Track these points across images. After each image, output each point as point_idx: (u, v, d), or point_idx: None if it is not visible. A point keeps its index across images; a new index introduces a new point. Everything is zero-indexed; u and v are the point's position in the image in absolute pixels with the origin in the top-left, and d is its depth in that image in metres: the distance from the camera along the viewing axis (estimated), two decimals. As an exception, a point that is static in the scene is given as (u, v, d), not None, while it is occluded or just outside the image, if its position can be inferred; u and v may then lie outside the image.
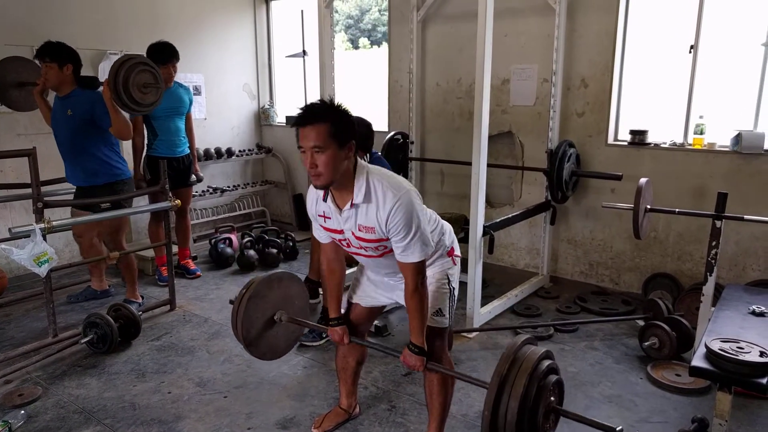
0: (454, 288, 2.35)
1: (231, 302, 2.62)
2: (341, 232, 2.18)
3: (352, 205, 2.08)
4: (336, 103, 2.05)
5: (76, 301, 4.18)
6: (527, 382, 1.80)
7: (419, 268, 2.09)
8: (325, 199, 2.14)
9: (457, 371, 2.29)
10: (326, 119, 1.96)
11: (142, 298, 4.15)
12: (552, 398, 1.89)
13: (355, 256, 2.32)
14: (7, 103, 4.07)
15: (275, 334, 2.66)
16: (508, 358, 1.87)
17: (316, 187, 2.08)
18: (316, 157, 1.96)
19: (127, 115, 3.78)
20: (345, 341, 2.43)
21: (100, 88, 3.61)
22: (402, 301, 2.32)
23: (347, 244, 2.23)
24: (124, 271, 4.03)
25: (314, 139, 1.95)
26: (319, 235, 2.33)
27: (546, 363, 1.89)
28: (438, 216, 2.38)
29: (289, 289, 2.68)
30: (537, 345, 2.01)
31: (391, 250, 2.13)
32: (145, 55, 4.24)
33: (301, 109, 2.02)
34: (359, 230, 2.12)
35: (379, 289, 2.44)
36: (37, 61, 3.54)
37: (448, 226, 2.41)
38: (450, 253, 2.35)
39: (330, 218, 2.18)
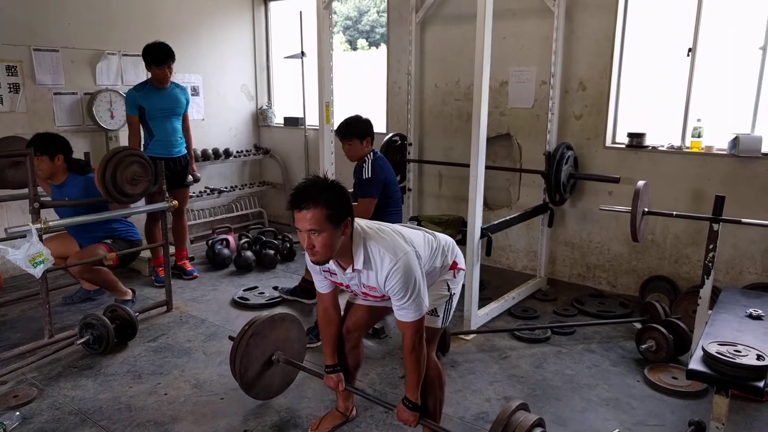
0: (454, 294, 2.37)
1: (231, 338, 2.66)
2: (347, 286, 2.29)
3: (354, 269, 2.14)
4: (330, 180, 2.06)
5: (71, 301, 4.17)
6: None
7: (417, 327, 2.13)
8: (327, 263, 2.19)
9: (444, 428, 2.30)
10: (321, 203, 1.97)
11: (133, 292, 4.12)
12: None
13: (360, 301, 2.42)
14: (3, 185, 3.94)
15: (271, 374, 2.75)
16: (501, 424, 1.89)
17: (313, 263, 2.13)
18: (312, 239, 2.00)
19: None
20: (340, 388, 2.52)
21: (91, 174, 3.63)
22: None
23: (354, 293, 2.34)
24: (97, 284, 3.93)
25: (310, 223, 1.97)
26: (320, 285, 2.38)
27: (538, 431, 1.93)
28: (438, 238, 2.38)
29: (289, 331, 2.75)
30: (530, 411, 2.05)
31: None
32: (141, 56, 4.25)
33: (296, 190, 2.02)
34: (364, 287, 2.22)
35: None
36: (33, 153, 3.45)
37: (450, 243, 2.41)
38: (453, 266, 2.38)
39: (335, 274, 2.25)
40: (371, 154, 3.59)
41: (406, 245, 2.12)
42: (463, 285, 3.57)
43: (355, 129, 3.54)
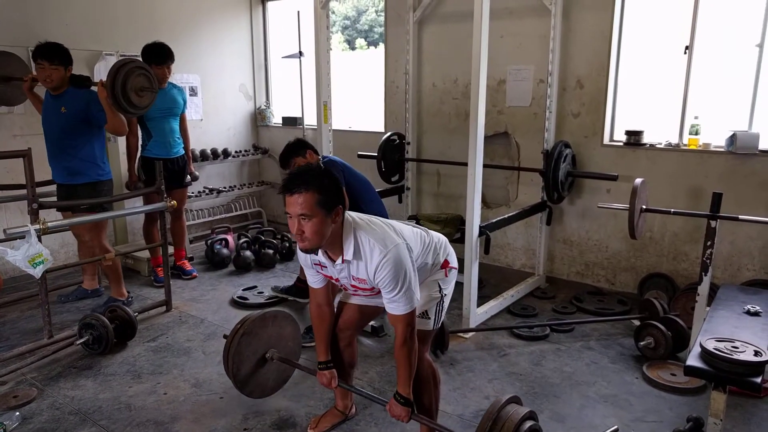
0: (445, 295, 2.35)
1: (225, 337, 2.67)
2: (337, 280, 2.26)
3: (343, 261, 2.12)
4: (323, 168, 2.07)
5: (68, 300, 4.18)
6: None
7: (408, 320, 2.11)
8: (316, 253, 2.17)
9: (438, 424, 2.30)
10: (313, 187, 1.96)
11: (129, 294, 4.13)
12: None
13: (350, 295, 2.40)
14: None
15: (265, 372, 2.74)
16: (491, 417, 1.90)
17: (302, 250, 2.11)
18: (302, 224, 1.99)
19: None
20: (333, 385, 2.49)
21: (93, 88, 3.64)
22: None
23: (344, 287, 2.31)
24: (106, 270, 4.01)
25: (301, 208, 1.96)
26: (312, 280, 2.36)
27: (528, 424, 1.93)
28: (431, 235, 2.37)
29: (282, 329, 2.75)
30: (522, 405, 2.05)
31: None
32: (140, 56, 4.25)
33: (289, 175, 2.03)
34: (353, 280, 2.20)
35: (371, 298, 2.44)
36: (42, 62, 3.52)
37: (443, 241, 2.40)
38: (444, 265, 2.36)
39: (326, 267, 2.23)
40: (321, 159, 3.58)
41: (397, 237, 2.10)
42: (461, 283, 3.61)
43: (290, 151, 3.45)
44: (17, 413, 2.74)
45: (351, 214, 2.14)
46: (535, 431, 1.93)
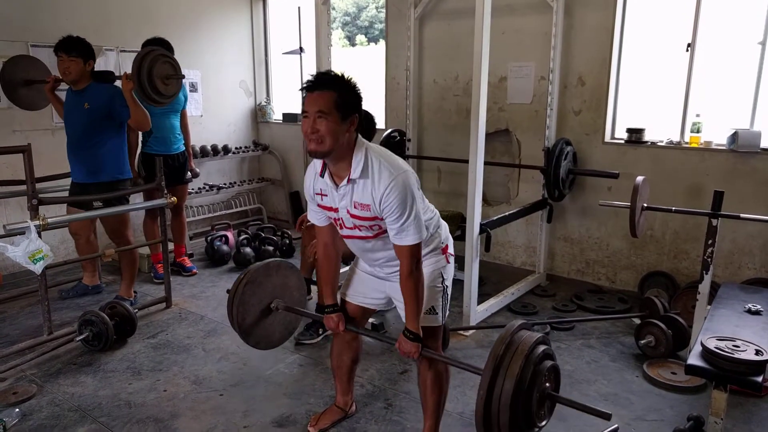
0: (447, 286, 2.32)
1: (228, 291, 2.61)
2: (336, 210, 2.16)
3: (348, 180, 2.06)
4: (347, 76, 2.05)
5: (68, 296, 4.18)
6: (523, 364, 1.79)
7: (414, 251, 2.08)
8: (322, 175, 2.14)
9: (451, 358, 2.29)
10: (334, 88, 1.97)
11: (136, 294, 4.14)
12: (547, 384, 1.88)
13: (348, 241, 2.28)
14: (16, 102, 4.07)
15: (271, 322, 2.63)
16: (504, 341, 1.86)
17: (312, 153, 2.04)
18: (318, 123, 1.96)
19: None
20: (340, 328, 2.41)
21: (117, 82, 3.64)
22: (394, 294, 2.31)
23: (341, 224, 2.20)
24: (124, 266, 4.00)
25: (319, 104, 1.96)
26: (316, 217, 2.30)
27: (542, 348, 1.88)
28: (436, 210, 2.36)
29: (287, 278, 2.65)
30: (533, 330, 2.01)
31: (386, 231, 2.12)
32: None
33: (311, 75, 2.03)
34: (354, 207, 2.10)
35: (370, 285, 2.41)
36: (58, 54, 3.53)
37: (443, 223, 2.38)
38: (444, 250, 2.32)
39: (326, 195, 2.17)
40: None
41: (406, 167, 2.08)
42: (462, 281, 3.61)
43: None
44: (17, 410, 2.74)
45: (363, 139, 2.12)
46: (548, 354, 1.90)
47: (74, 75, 3.54)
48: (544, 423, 1.90)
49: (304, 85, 2.01)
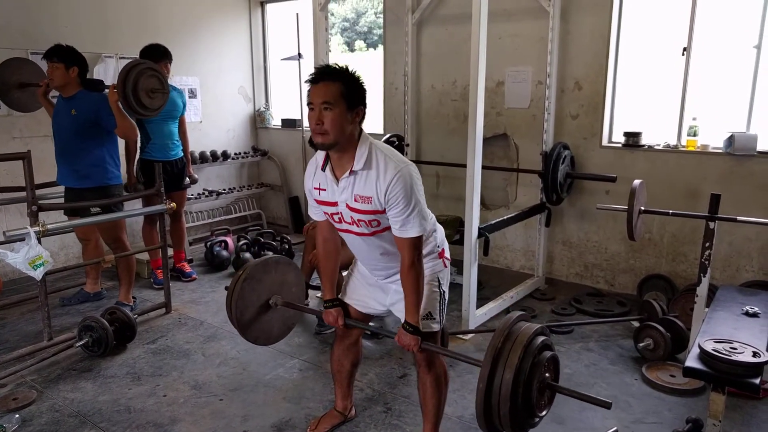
0: (444, 291, 2.32)
1: (226, 288, 2.60)
2: (335, 204, 2.14)
3: (351, 172, 2.06)
4: (351, 69, 2.06)
5: (69, 303, 4.17)
6: (522, 355, 1.79)
7: (416, 244, 2.08)
8: (324, 168, 2.13)
9: (450, 350, 2.29)
10: (340, 79, 1.98)
11: (135, 299, 4.14)
12: (547, 374, 1.89)
13: (345, 237, 2.26)
14: (9, 104, 4.14)
15: (269, 319, 2.63)
16: (503, 333, 1.86)
17: (317, 145, 2.04)
18: (324, 114, 1.97)
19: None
20: (340, 323, 2.41)
21: (106, 91, 3.66)
22: (393, 306, 2.32)
23: (339, 219, 2.18)
24: (121, 272, 4.01)
25: (325, 96, 1.96)
26: (315, 211, 2.30)
27: (540, 339, 1.88)
28: (432, 214, 2.35)
29: (285, 275, 2.65)
30: (531, 321, 2.01)
31: (384, 230, 2.12)
32: (140, 57, 4.26)
33: (317, 67, 2.04)
34: (355, 201, 2.08)
35: (370, 295, 2.41)
36: (45, 62, 3.60)
37: (439, 227, 2.39)
38: (441, 254, 2.32)
39: (325, 190, 2.16)
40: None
41: (411, 162, 2.10)
42: (460, 285, 3.62)
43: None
44: (17, 415, 2.74)
45: (367, 133, 2.13)
46: (547, 345, 1.90)
47: (57, 81, 3.58)
48: (544, 413, 1.91)
49: (310, 77, 2.02)
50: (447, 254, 2.36)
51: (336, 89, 1.96)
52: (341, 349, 2.57)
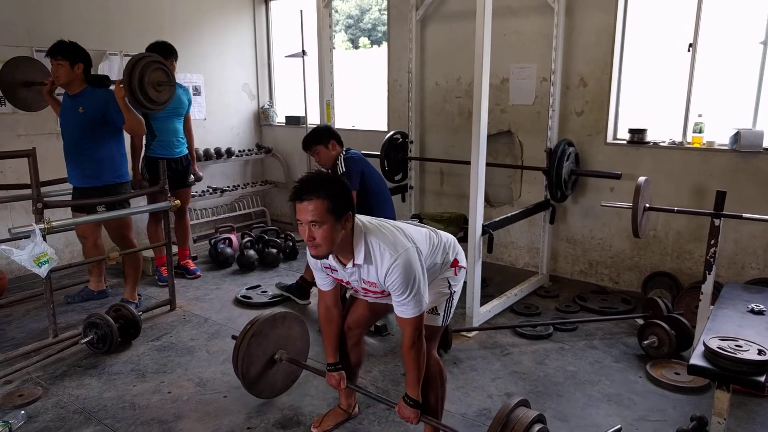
0: (454, 292, 2.36)
1: (233, 338, 2.68)
2: (348, 282, 2.28)
3: (354, 265, 2.14)
4: (332, 174, 2.10)
5: (74, 301, 4.19)
6: None
7: (416, 323, 2.13)
8: (327, 258, 2.18)
9: (446, 425, 2.31)
10: (322, 194, 1.97)
11: (140, 296, 4.16)
12: None
13: (361, 297, 2.42)
14: (14, 103, 4.12)
15: (274, 373, 2.76)
16: (501, 420, 1.90)
17: (313, 257, 2.12)
18: (313, 231, 2.00)
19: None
20: (342, 386, 2.52)
21: (111, 87, 3.65)
22: None
23: (354, 290, 2.33)
24: (128, 269, 4.02)
25: (312, 215, 1.97)
26: (321, 283, 2.38)
27: (537, 427, 1.93)
28: (440, 234, 2.38)
29: (291, 329, 2.77)
30: (530, 408, 2.05)
31: None
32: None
33: (298, 182, 2.03)
34: (364, 283, 2.21)
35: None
36: (49, 60, 3.58)
37: (452, 240, 2.41)
38: (454, 264, 2.37)
39: (336, 271, 2.24)
40: (343, 152, 3.66)
41: (407, 241, 2.12)
42: (465, 282, 3.61)
43: (314, 137, 3.64)
44: (22, 412, 2.76)
45: (361, 218, 2.16)
46: None
47: (63, 78, 3.57)
48: None
49: (292, 195, 2.02)
50: (463, 262, 2.40)
51: (321, 207, 1.97)
52: (345, 349, 2.57)
